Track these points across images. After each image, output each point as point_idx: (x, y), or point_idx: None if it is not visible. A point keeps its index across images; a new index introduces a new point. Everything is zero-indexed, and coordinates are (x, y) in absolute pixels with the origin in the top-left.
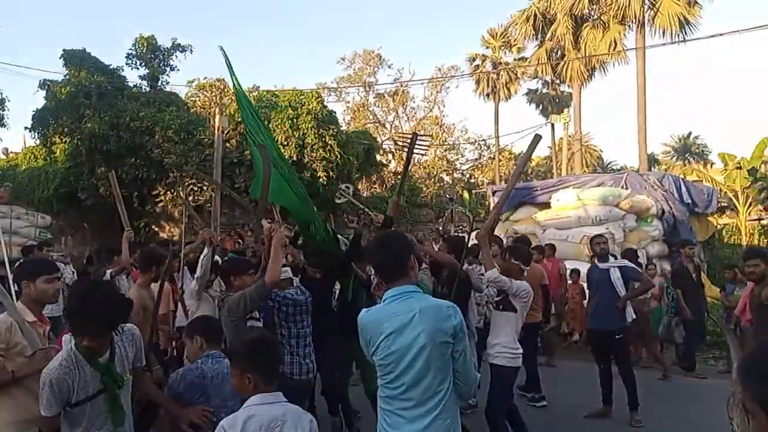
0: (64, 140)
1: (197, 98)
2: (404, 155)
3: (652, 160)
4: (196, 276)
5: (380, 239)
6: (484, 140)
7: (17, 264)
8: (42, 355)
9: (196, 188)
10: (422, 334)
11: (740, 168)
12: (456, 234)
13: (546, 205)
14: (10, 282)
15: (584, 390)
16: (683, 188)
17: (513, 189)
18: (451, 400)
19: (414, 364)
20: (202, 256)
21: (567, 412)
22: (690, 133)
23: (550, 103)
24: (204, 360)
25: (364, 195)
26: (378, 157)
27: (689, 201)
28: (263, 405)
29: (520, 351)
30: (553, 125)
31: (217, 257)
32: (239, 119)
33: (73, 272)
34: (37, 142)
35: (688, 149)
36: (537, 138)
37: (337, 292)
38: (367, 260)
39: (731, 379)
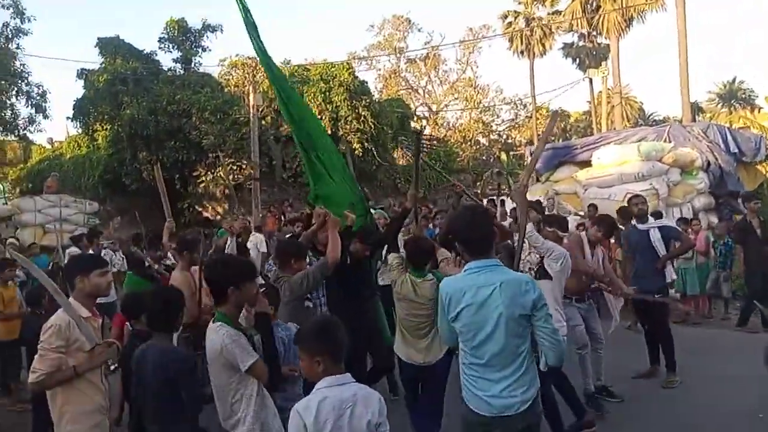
0: (104, 127)
1: (230, 77)
2: (418, 151)
3: (696, 109)
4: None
5: (468, 215)
6: (520, 99)
7: (68, 260)
8: (101, 349)
9: (235, 167)
10: (501, 306)
11: None
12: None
13: (587, 164)
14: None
15: (630, 351)
16: (729, 137)
17: (537, 161)
18: (528, 359)
19: (494, 334)
20: (226, 247)
21: (613, 374)
22: (735, 79)
23: (587, 57)
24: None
25: (400, 164)
26: (412, 125)
27: (736, 150)
28: (334, 387)
29: (562, 322)
30: (591, 79)
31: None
32: (273, 96)
33: (122, 258)
34: (79, 130)
35: (734, 95)
36: (555, 115)
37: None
38: (454, 235)
39: None
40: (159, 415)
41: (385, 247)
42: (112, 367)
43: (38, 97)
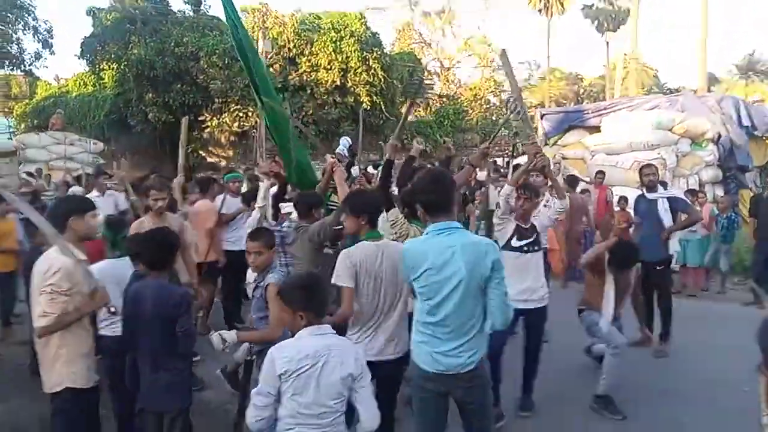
0: (111, 66)
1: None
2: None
3: (712, 80)
4: (257, 205)
5: (432, 177)
6: (534, 60)
7: (58, 201)
8: (103, 292)
9: (241, 114)
10: (462, 269)
11: None
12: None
13: (596, 129)
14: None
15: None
16: (743, 110)
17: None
18: (482, 322)
19: (452, 296)
20: (262, 188)
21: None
22: (754, 51)
23: (606, 19)
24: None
25: (409, 119)
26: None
27: (748, 124)
28: (313, 336)
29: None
30: (608, 42)
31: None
32: (282, 43)
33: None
34: (86, 69)
35: (752, 68)
36: (503, 53)
37: None
38: (417, 195)
39: None
40: (154, 350)
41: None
42: (113, 309)
43: (45, 33)
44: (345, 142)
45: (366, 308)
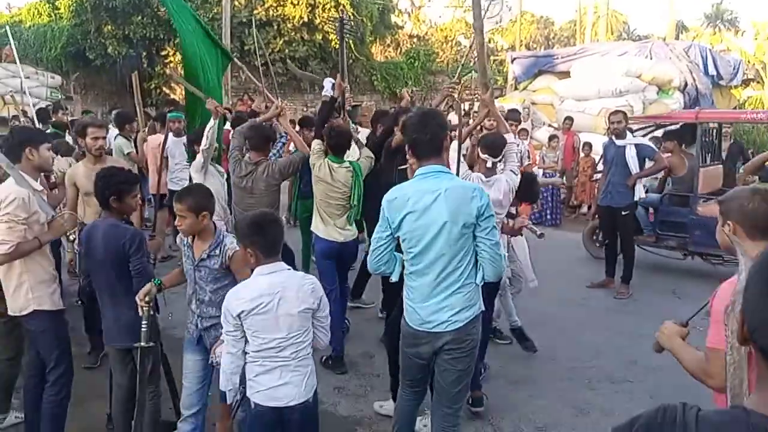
0: None
1: None
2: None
3: (681, 28)
4: (201, 148)
5: (421, 116)
6: (506, 2)
7: (12, 131)
8: (61, 221)
9: None
10: (445, 213)
11: None
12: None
13: (566, 75)
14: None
15: (591, 262)
16: (710, 59)
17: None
18: (471, 276)
19: (435, 243)
20: (207, 128)
21: (574, 281)
22: (722, 0)
23: None
24: None
25: (378, 59)
26: (393, 19)
27: (714, 73)
28: (266, 275)
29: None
30: None
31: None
32: None
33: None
34: None
35: (720, 17)
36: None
37: None
38: (405, 135)
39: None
40: (111, 289)
41: None
42: (72, 237)
43: None
44: (328, 83)
45: None
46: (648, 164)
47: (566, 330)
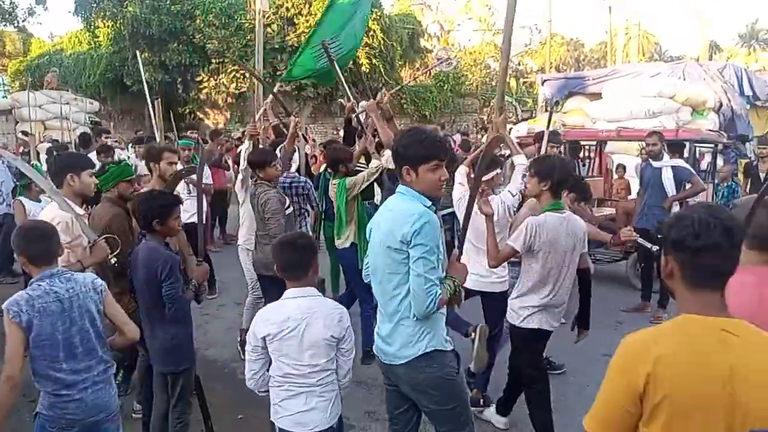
0: (107, 24)
1: None
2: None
3: (714, 48)
4: (240, 169)
5: (407, 131)
6: (535, 25)
7: (56, 157)
8: (102, 244)
9: (238, 75)
10: (380, 234)
11: None
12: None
13: (597, 96)
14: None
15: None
16: (745, 79)
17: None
18: (410, 308)
19: (374, 263)
20: (243, 149)
21: (602, 306)
22: (757, 20)
23: None
24: None
25: (408, 83)
26: (422, 43)
27: (750, 93)
28: (297, 298)
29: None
30: (610, 7)
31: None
32: (280, 2)
33: (128, 157)
34: (81, 26)
35: (755, 36)
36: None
37: None
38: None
39: None
40: (149, 313)
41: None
42: (113, 261)
43: None
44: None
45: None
46: (685, 187)
47: (598, 357)
